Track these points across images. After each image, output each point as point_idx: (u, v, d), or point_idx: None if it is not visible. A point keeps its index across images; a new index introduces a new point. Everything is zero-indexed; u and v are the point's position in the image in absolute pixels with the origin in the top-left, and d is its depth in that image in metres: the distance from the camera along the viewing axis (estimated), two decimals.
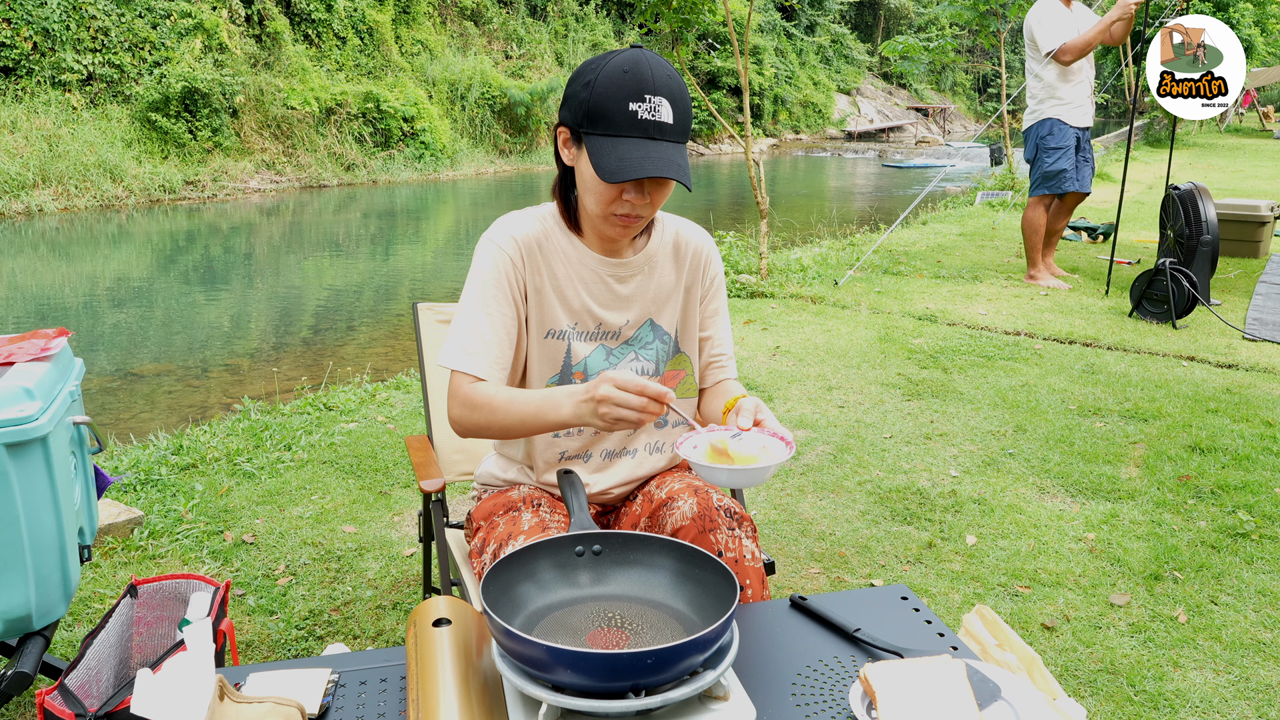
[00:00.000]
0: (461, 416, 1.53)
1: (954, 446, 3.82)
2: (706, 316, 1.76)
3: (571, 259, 1.62)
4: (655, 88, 1.42)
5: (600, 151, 1.43)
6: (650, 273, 1.67)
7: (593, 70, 1.45)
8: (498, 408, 1.49)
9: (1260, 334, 5.58)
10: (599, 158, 1.43)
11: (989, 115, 38.15)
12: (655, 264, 1.68)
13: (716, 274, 1.76)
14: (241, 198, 14.48)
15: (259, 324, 7.32)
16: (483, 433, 1.53)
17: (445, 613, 1.17)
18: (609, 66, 1.43)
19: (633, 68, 1.42)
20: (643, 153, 1.42)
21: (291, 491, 3.36)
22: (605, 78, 1.43)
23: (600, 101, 1.42)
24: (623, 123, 1.42)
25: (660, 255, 1.68)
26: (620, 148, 1.42)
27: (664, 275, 1.69)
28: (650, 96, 1.42)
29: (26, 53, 13.53)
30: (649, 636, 1.15)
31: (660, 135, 1.44)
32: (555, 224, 1.64)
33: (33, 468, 1.75)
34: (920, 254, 8.28)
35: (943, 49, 13.64)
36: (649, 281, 1.67)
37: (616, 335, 1.66)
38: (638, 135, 1.43)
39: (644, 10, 6.95)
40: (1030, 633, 2.51)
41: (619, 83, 1.42)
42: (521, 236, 1.60)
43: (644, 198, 1.50)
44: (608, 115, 1.42)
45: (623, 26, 25.57)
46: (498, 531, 1.60)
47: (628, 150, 1.42)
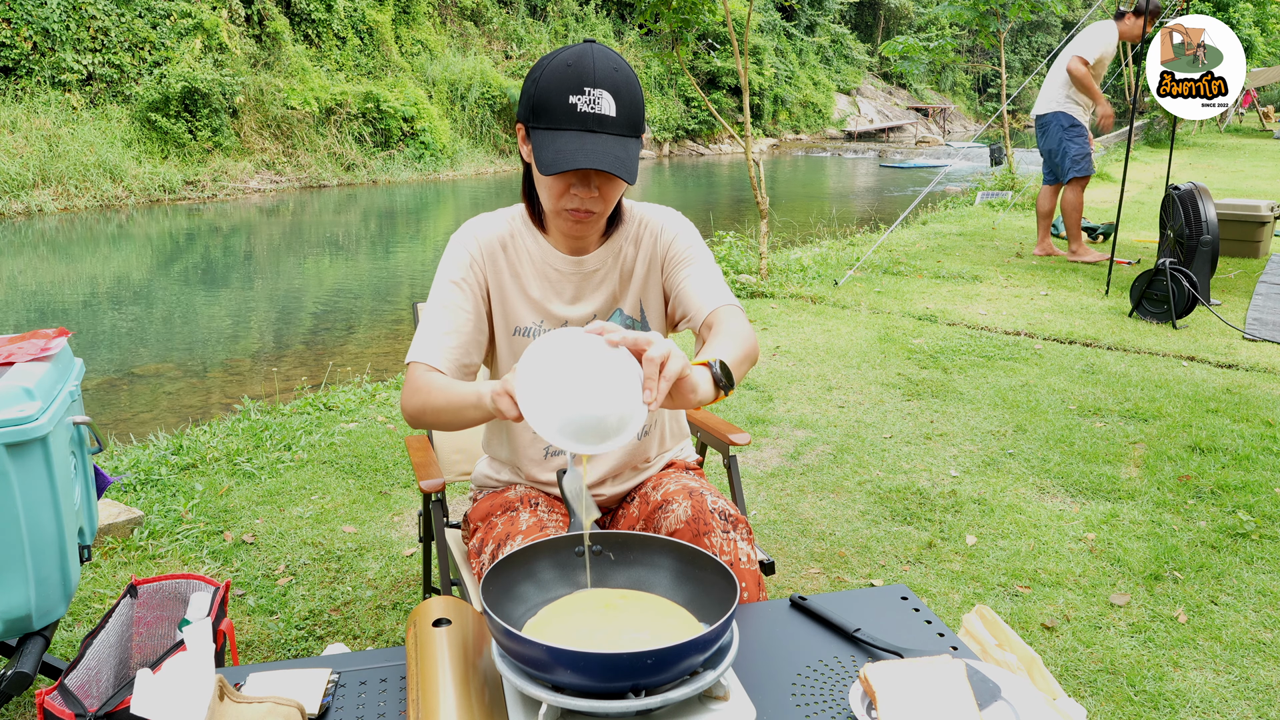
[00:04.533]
0: (404, 400, 1.52)
1: (954, 446, 3.82)
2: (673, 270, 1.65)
3: (535, 258, 1.63)
4: (596, 80, 1.42)
5: (541, 145, 1.44)
6: (615, 264, 1.67)
7: (541, 66, 1.46)
8: (434, 391, 1.46)
9: (1260, 334, 5.58)
10: (539, 151, 1.44)
11: (989, 115, 38.16)
12: (620, 255, 1.68)
13: (675, 237, 1.66)
14: (241, 198, 14.47)
15: (259, 324, 7.32)
16: (421, 416, 1.49)
17: (445, 613, 1.17)
18: (555, 61, 1.44)
19: (576, 61, 1.42)
20: (578, 145, 1.41)
21: (291, 491, 3.36)
22: (549, 72, 1.44)
23: (543, 95, 1.43)
24: (562, 115, 1.42)
25: (625, 245, 1.68)
26: (559, 140, 1.42)
27: (626, 264, 1.69)
28: (590, 89, 1.41)
29: (26, 53, 13.53)
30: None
31: (600, 128, 1.43)
32: (523, 223, 1.65)
33: (33, 468, 1.75)
34: (920, 254, 8.28)
35: (943, 49, 13.63)
36: (613, 273, 1.67)
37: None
38: (576, 128, 1.42)
39: (644, 10, 6.95)
40: (1030, 633, 2.51)
41: (561, 76, 1.42)
42: (484, 236, 1.62)
43: (591, 191, 1.49)
44: (549, 109, 1.43)
45: (623, 26, 25.55)
46: (495, 532, 1.60)
47: (565, 143, 1.42)
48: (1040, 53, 44.23)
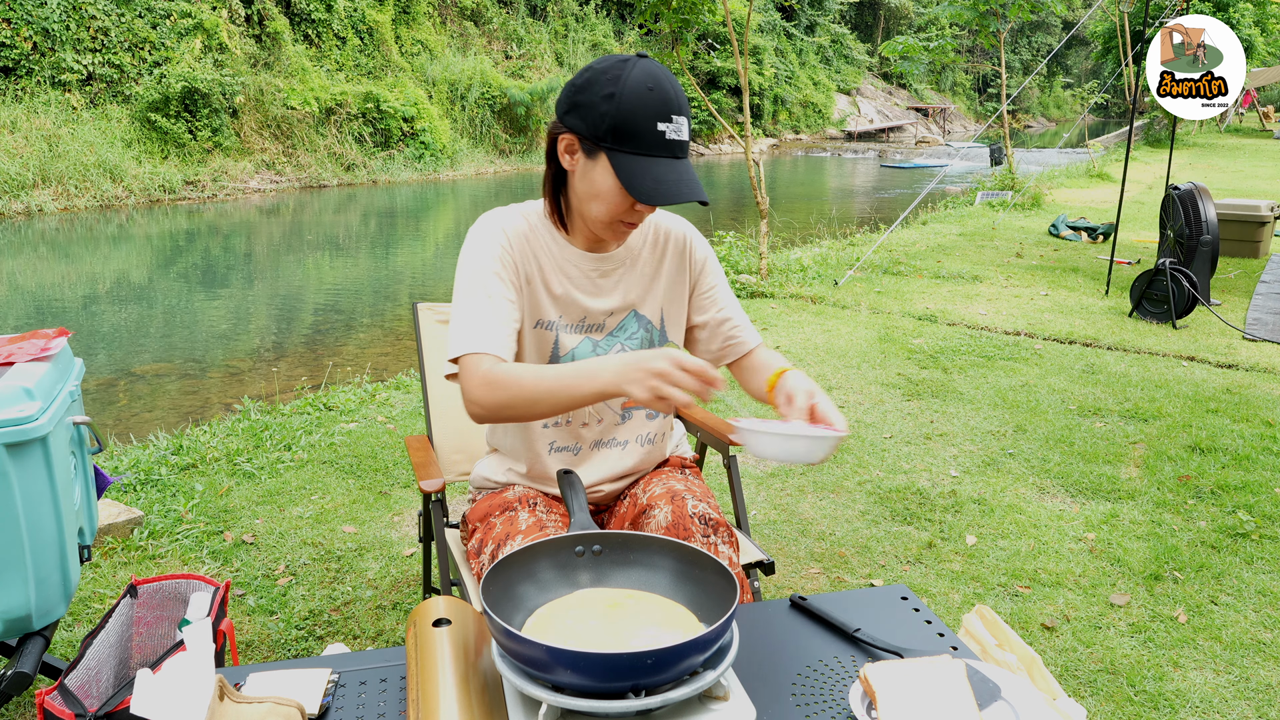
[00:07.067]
0: (483, 397, 1.45)
1: (954, 446, 3.82)
2: (703, 298, 1.75)
3: (555, 254, 1.64)
4: (680, 107, 1.46)
5: (631, 171, 1.45)
6: (632, 265, 1.69)
7: (610, 82, 1.44)
8: (525, 382, 1.42)
9: (1260, 334, 5.58)
10: (631, 178, 1.44)
11: (989, 115, 38.16)
12: (636, 256, 1.69)
13: (704, 257, 1.76)
14: (241, 198, 14.47)
15: (259, 324, 7.32)
16: (505, 411, 1.45)
17: (445, 613, 1.17)
18: (630, 81, 1.43)
19: (656, 85, 1.43)
20: (676, 175, 1.45)
21: (291, 491, 3.36)
22: (630, 94, 1.42)
23: (629, 119, 1.43)
24: (652, 143, 1.44)
25: (640, 247, 1.70)
26: (654, 169, 1.45)
27: (645, 266, 1.70)
28: (676, 117, 1.45)
29: (26, 53, 13.53)
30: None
31: (683, 154, 1.48)
32: (539, 220, 1.65)
33: (33, 468, 1.75)
34: (920, 254, 8.28)
35: (943, 49, 13.64)
36: (630, 273, 1.69)
37: (601, 327, 1.67)
38: (665, 155, 1.45)
39: (644, 10, 6.95)
40: (1030, 633, 2.51)
41: (645, 101, 1.43)
42: (510, 229, 1.62)
43: (652, 208, 1.53)
44: (637, 134, 1.44)
45: (623, 26, 25.56)
46: (495, 532, 1.60)
47: (662, 172, 1.45)
48: (1040, 53, 44.24)
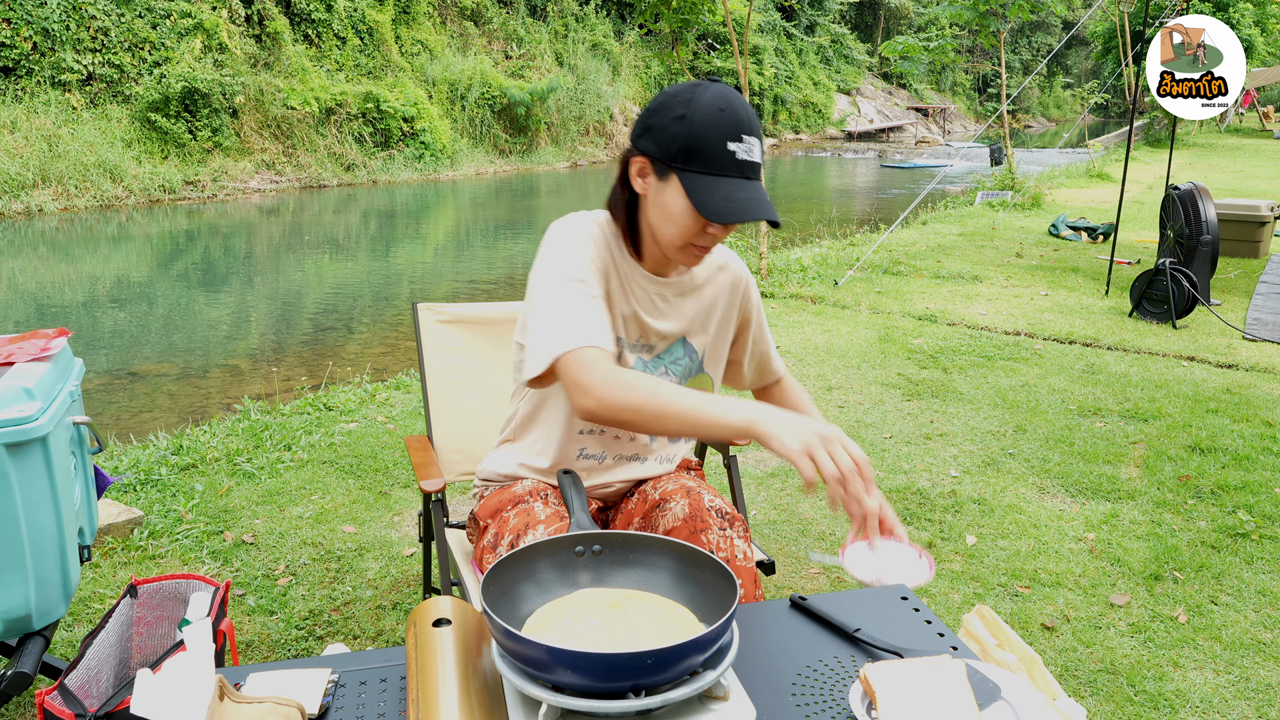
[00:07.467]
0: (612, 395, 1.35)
1: (954, 446, 3.82)
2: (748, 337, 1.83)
3: (623, 271, 1.63)
4: (751, 128, 1.46)
5: (701, 190, 1.45)
6: (691, 294, 1.70)
7: (682, 104, 1.46)
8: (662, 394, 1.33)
9: (1260, 334, 5.58)
10: (701, 196, 1.45)
11: (989, 115, 38.16)
12: (698, 287, 1.71)
13: (756, 301, 1.82)
14: (241, 198, 14.47)
15: (259, 324, 7.32)
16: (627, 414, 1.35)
17: (445, 613, 1.17)
18: (702, 103, 1.45)
19: (728, 106, 1.45)
20: (746, 194, 1.46)
21: (291, 491, 3.36)
22: (701, 115, 1.44)
23: (699, 139, 1.44)
24: (722, 162, 1.45)
25: (703, 278, 1.71)
26: (723, 188, 1.45)
27: (703, 298, 1.72)
28: (746, 137, 1.46)
29: (26, 53, 13.53)
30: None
31: (754, 175, 1.48)
32: (612, 236, 1.63)
33: (33, 468, 1.75)
34: (920, 254, 8.28)
35: (943, 49, 13.65)
36: (688, 301, 1.70)
37: (651, 348, 1.68)
38: (736, 175, 1.46)
39: (644, 10, 6.95)
40: (1030, 633, 2.51)
41: (716, 121, 1.44)
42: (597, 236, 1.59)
43: (725, 231, 1.53)
44: (707, 154, 1.44)
45: (622, 26, 25.55)
46: (511, 525, 1.59)
47: (731, 191, 1.45)
48: (1040, 53, 44.24)
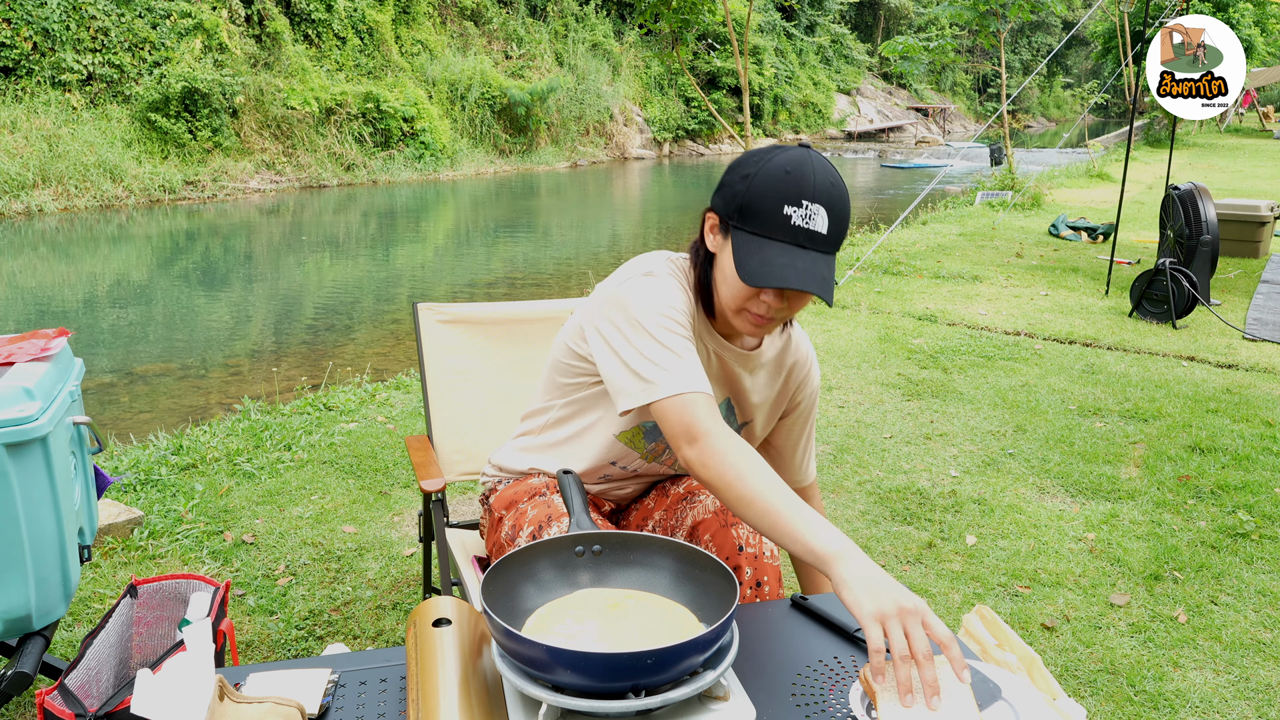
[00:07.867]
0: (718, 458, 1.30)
1: (954, 446, 3.82)
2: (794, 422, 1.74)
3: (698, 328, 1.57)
4: (815, 194, 1.35)
5: (745, 249, 1.37)
6: (753, 368, 1.63)
7: (755, 164, 1.39)
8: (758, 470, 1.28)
9: (1260, 334, 5.58)
10: (743, 255, 1.37)
11: (989, 115, 38.16)
12: (762, 363, 1.64)
13: (815, 391, 1.73)
14: (241, 198, 14.47)
15: (259, 324, 7.32)
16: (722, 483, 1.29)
17: (445, 613, 1.17)
18: (771, 163, 1.37)
19: (795, 169, 1.35)
20: (788, 260, 1.35)
21: (291, 491, 3.36)
22: (765, 175, 1.36)
23: (756, 199, 1.36)
24: (774, 225, 1.36)
25: (769, 355, 1.65)
26: (766, 250, 1.36)
27: (760, 375, 1.65)
28: (808, 203, 1.35)
29: (26, 53, 13.52)
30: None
31: (811, 244, 1.36)
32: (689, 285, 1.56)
33: (33, 468, 1.75)
34: (920, 254, 8.28)
35: (943, 49, 13.65)
36: (746, 373, 1.63)
37: None
38: (787, 241, 1.36)
39: (644, 10, 6.96)
40: (1030, 633, 2.51)
41: (779, 182, 1.35)
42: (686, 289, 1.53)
43: (782, 302, 1.42)
44: (760, 214, 1.36)
45: (622, 26, 25.55)
46: (531, 515, 1.57)
47: (774, 255, 1.36)
48: (1040, 53, 44.23)
